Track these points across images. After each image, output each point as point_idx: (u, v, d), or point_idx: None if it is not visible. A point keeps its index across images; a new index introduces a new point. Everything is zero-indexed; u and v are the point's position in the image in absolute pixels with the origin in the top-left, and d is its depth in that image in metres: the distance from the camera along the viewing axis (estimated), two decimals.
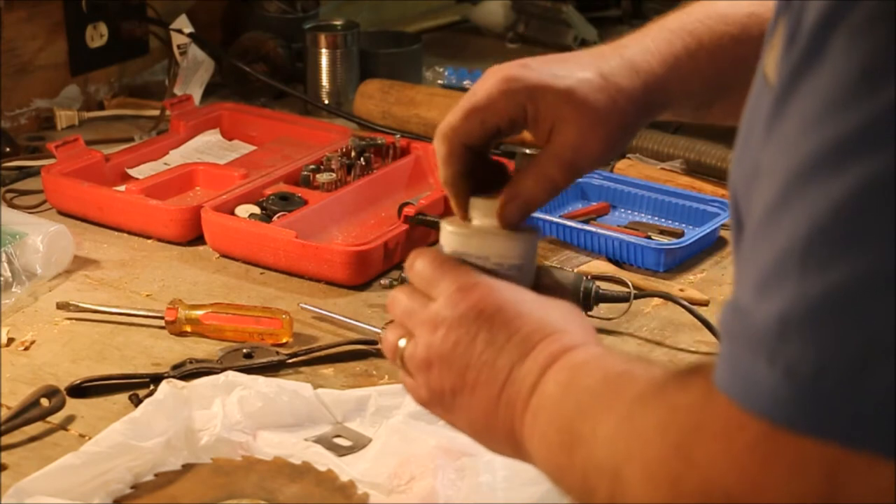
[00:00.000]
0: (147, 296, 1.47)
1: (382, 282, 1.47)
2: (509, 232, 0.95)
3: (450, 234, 0.96)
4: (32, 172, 1.77)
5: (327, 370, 1.32)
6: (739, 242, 0.76)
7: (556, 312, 0.91)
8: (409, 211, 1.54)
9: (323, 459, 1.15)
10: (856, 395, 0.61)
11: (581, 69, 0.98)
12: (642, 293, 1.42)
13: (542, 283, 0.96)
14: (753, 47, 1.01)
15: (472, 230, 0.96)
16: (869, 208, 0.61)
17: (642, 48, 1.01)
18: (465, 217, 1.00)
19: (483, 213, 0.97)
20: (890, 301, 0.60)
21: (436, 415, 0.94)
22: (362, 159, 1.70)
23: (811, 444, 0.62)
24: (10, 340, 1.37)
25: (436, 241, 1.58)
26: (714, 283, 1.49)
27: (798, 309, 0.62)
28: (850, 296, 0.61)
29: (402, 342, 0.93)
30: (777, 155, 0.65)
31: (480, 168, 1.00)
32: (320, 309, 1.42)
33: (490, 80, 0.97)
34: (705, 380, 0.69)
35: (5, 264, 1.45)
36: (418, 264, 0.95)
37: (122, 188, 1.67)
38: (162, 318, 1.38)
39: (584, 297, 1.38)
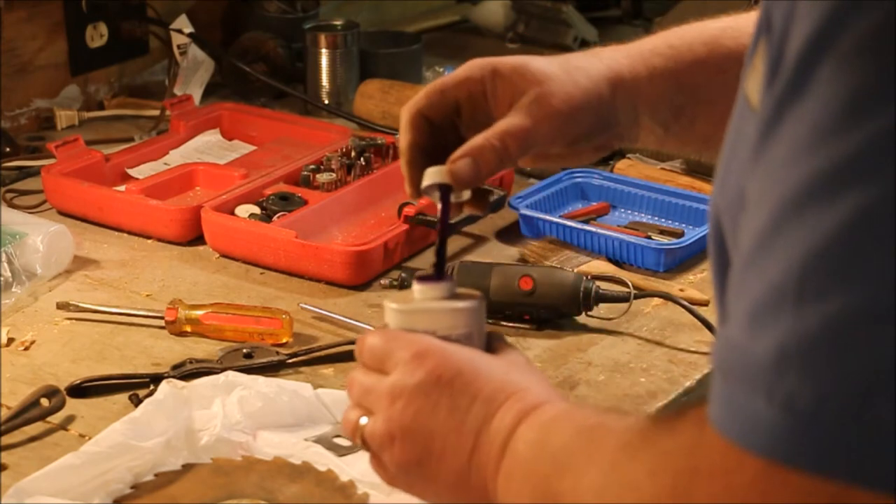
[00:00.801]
0: (147, 296, 1.47)
1: (382, 282, 1.47)
2: (453, 303, 0.94)
3: (394, 312, 0.94)
4: (32, 172, 1.76)
5: (327, 370, 1.32)
6: (721, 266, 0.75)
7: (516, 371, 0.90)
8: (409, 211, 1.54)
9: (323, 459, 1.15)
10: (856, 429, 0.60)
11: (556, 58, 1.00)
12: (642, 293, 1.42)
13: (494, 346, 0.94)
14: (725, 57, 1.01)
15: (415, 306, 0.94)
16: (863, 238, 0.60)
17: (609, 49, 1.03)
18: (415, 192, 1.00)
19: (435, 175, 0.96)
20: (888, 332, 0.59)
21: (404, 491, 0.92)
22: (362, 159, 1.70)
23: (811, 480, 0.61)
24: (10, 340, 1.37)
25: (434, 242, 1.59)
26: None
27: (794, 342, 0.61)
28: (848, 327, 0.60)
29: (363, 420, 0.91)
30: (766, 184, 0.64)
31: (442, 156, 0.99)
32: (320, 309, 1.42)
33: (460, 67, 1.00)
34: (694, 422, 0.68)
35: (5, 264, 1.45)
36: (369, 342, 0.92)
37: (122, 188, 1.67)
38: (162, 318, 1.38)
39: (584, 297, 1.38)
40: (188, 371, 1.28)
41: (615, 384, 1.29)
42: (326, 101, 2.01)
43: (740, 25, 1.03)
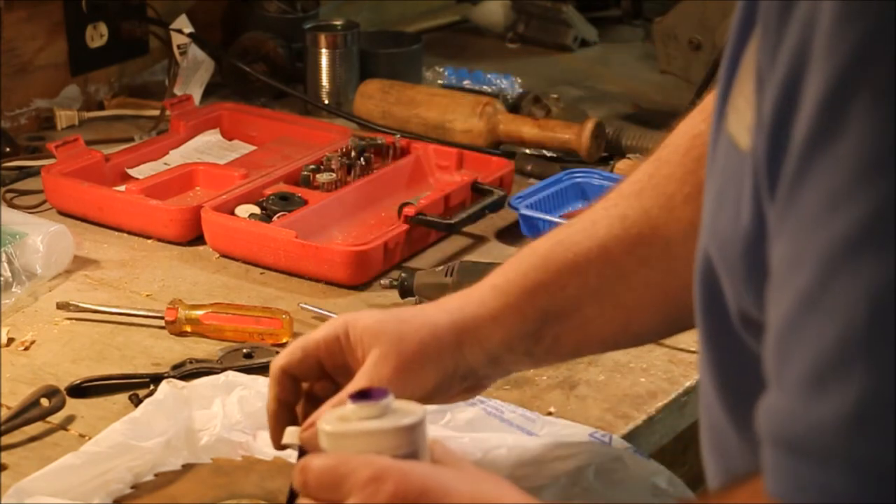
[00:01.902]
0: (147, 296, 1.47)
1: (382, 282, 1.47)
2: (395, 421, 0.89)
3: (332, 437, 0.90)
4: (32, 172, 1.76)
5: None
6: (711, 312, 0.74)
7: (483, 481, 0.88)
8: (409, 211, 1.54)
9: None
10: None
11: (406, 308, 1.06)
12: None
13: (438, 456, 0.91)
14: (560, 273, 1.03)
15: (354, 428, 0.89)
16: None
17: (461, 294, 1.05)
18: (279, 445, 1.02)
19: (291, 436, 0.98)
20: None
21: None
22: (362, 159, 1.70)
23: None
24: (10, 340, 1.37)
25: (434, 242, 1.59)
26: None
27: (871, 400, 0.57)
28: None
29: None
30: (801, 239, 0.61)
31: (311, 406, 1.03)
32: (320, 309, 1.42)
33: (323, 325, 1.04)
34: (749, 496, 0.64)
35: (5, 264, 1.45)
36: (314, 468, 0.88)
37: (122, 188, 1.67)
38: (162, 318, 1.38)
39: None
40: (188, 371, 1.28)
41: (615, 384, 1.29)
42: (326, 101, 2.01)
43: (570, 236, 1.05)
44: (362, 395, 0.90)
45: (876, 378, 0.57)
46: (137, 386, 1.27)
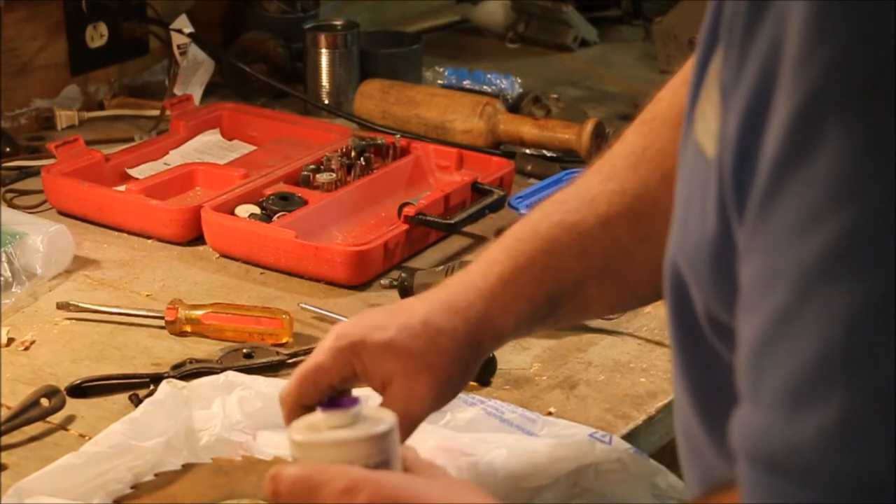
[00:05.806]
0: (147, 296, 1.47)
1: (382, 282, 1.47)
2: (367, 430, 0.88)
3: (302, 447, 0.88)
4: (32, 172, 1.76)
5: None
6: (682, 323, 0.73)
7: (457, 490, 0.88)
8: (409, 211, 1.54)
9: None
10: None
11: (407, 316, 0.99)
12: None
13: (410, 464, 0.90)
14: (563, 255, 1.02)
15: (325, 438, 0.88)
16: None
17: (464, 285, 1.02)
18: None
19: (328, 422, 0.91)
20: None
21: None
22: (362, 159, 1.70)
23: None
24: (10, 340, 1.37)
25: (434, 242, 1.59)
26: None
27: (853, 416, 0.57)
28: None
29: None
30: (777, 256, 0.60)
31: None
32: (320, 309, 1.42)
33: (325, 341, 0.99)
34: None
35: (5, 264, 1.45)
36: (286, 478, 0.87)
37: (122, 188, 1.67)
38: (162, 318, 1.38)
39: None
40: (188, 371, 1.28)
41: (615, 384, 1.29)
42: (326, 101, 2.01)
43: (571, 214, 1.04)
44: (332, 404, 0.89)
45: (855, 394, 0.57)
46: (137, 386, 1.27)
